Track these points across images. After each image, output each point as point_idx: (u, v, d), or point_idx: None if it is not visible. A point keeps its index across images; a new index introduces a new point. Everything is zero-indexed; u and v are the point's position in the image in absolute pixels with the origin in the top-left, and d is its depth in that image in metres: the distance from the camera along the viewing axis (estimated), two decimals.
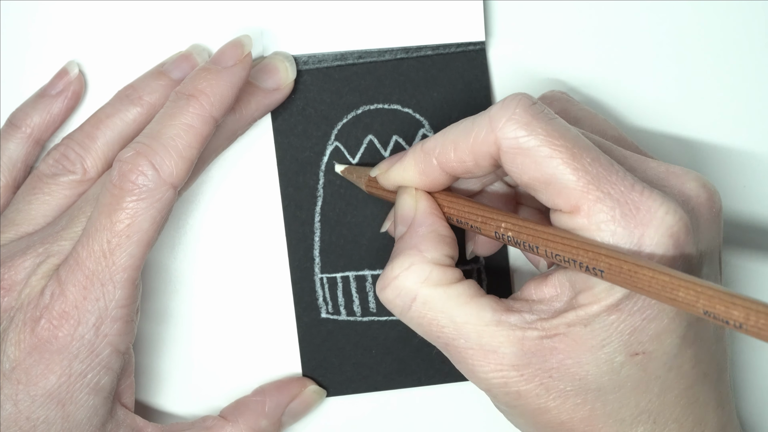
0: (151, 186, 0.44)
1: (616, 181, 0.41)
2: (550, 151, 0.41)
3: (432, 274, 0.43)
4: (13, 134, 0.50)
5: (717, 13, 0.52)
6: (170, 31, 0.51)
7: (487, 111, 0.43)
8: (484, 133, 0.42)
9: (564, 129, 0.42)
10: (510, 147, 0.42)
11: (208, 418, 0.50)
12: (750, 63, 0.53)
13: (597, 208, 0.41)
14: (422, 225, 0.45)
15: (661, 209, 0.40)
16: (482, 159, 0.43)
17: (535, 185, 0.42)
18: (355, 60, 0.51)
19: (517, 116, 0.42)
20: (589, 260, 0.40)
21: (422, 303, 0.43)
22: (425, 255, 0.44)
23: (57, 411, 0.45)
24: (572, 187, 0.41)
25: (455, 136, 0.44)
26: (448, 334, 0.43)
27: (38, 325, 0.44)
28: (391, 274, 0.44)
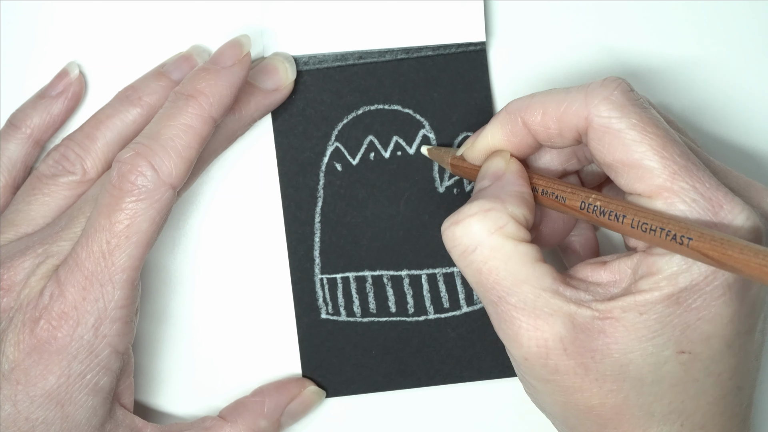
0: (151, 186, 0.44)
1: (702, 176, 0.41)
2: (641, 137, 0.41)
3: (509, 225, 0.43)
4: (13, 135, 0.50)
5: (719, 12, 0.52)
6: (170, 31, 0.51)
7: (584, 86, 0.43)
8: (577, 105, 0.42)
9: (657, 120, 0.42)
10: (601, 125, 0.42)
11: (208, 418, 0.50)
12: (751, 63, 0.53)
13: (679, 198, 0.41)
14: (510, 183, 0.44)
15: (742, 214, 0.41)
16: (567, 130, 0.43)
17: (618, 167, 0.42)
18: (355, 60, 0.51)
19: (615, 97, 0.42)
20: (679, 229, 0.39)
21: (489, 248, 0.43)
22: (507, 207, 0.43)
23: (56, 411, 0.45)
24: (657, 174, 0.41)
25: (546, 100, 0.44)
26: (505, 287, 0.42)
27: (37, 325, 0.44)
28: (468, 211, 0.43)
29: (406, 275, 0.52)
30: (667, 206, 0.41)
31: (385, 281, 0.52)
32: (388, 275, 0.52)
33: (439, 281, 0.52)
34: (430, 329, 0.52)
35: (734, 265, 0.38)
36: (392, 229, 0.52)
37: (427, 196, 0.52)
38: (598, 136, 0.42)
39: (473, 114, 0.52)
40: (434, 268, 0.52)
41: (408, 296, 0.52)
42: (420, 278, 0.52)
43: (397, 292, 0.52)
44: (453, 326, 0.52)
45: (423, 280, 0.52)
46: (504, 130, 0.45)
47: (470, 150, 0.47)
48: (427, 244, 0.52)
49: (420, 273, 0.52)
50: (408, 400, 0.53)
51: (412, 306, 0.52)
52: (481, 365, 0.52)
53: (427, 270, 0.52)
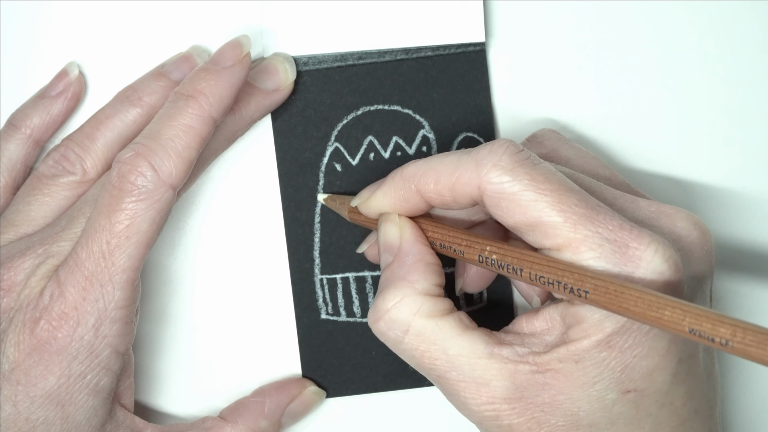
0: (150, 187, 0.44)
1: (603, 220, 0.41)
2: (535, 195, 0.42)
3: (424, 305, 0.44)
4: (13, 135, 0.50)
5: (711, 16, 0.52)
6: (170, 31, 0.51)
7: (474, 152, 0.43)
8: (468, 175, 0.43)
9: (549, 173, 0.42)
10: (494, 192, 0.42)
11: (208, 419, 0.50)
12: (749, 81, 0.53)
13: (585, 246, 0.41)
14: (409, 254, 0.45)
15: (650, 248, 0.41)
16: (462, 198, 0.44)
17: (521, 228, 0.43)
18: (355, 61, 0.51)
19: (503, 162, 0.42)
20: (575, 281, 0.40)
21: (415, 335, 0.44)
22: (415, 286, 0.44)
23: (56, 412, 0.45)
24: (559, 228, 0.41)
25: (439, 169, 0.44)
26: (441, 366, 0.43)
27: (37, 326, 0.44)
28: (383, 306, 0.44)
29: None
30: (576, 256, 0.41)
31: None
32: None
33: None
34: None
35: (633, 318, 0.39)
36: None
37: None
38: (494, 203, 0.43)
39: (473, 114, 0.52)
40: None
41: None
42: None
43: None
44: None
45: None
46: (397, 194, 0.45)
47: (364, 205, 0.47)
48: None
49: None
50: (408, 400, 0.53)
51: None
52: None
53: None
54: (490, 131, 0.52)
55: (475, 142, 0.52)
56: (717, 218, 0.53)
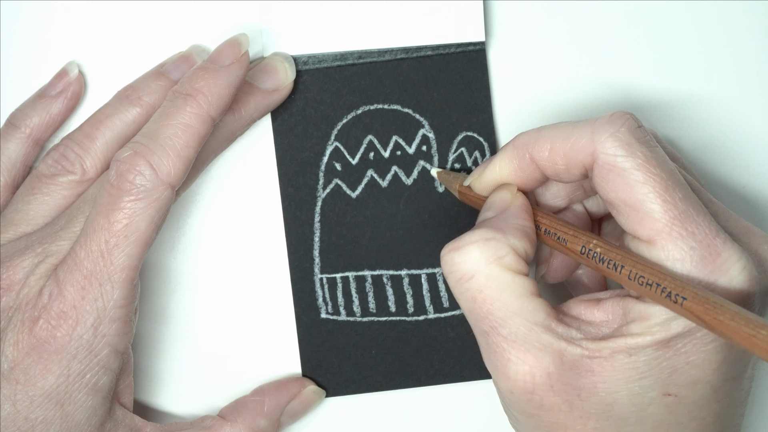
0: (149, 186, 0.44)
1: (701, 222, 0.41)
2: (645, 177, 0.41)
3: (508, 256, 0.43)
4: (13, 134, 0.50)
5: (712, 15, 0.52)
6: (170, 31, 0.51)
7: (591, 121, 0.43)
8: (584, 141, 0.42)
9: (663, 160, 0.42)
10: (606, 162, 0.42)
11: (207, 417, 0.50)
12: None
13: (677, 245, 0.41)
14: (514, 216, 0.44)
15: (739, 263, 0.41)
16: (574, 166, 0.43)
17: (620, 206, 0.42)
18: (355, 60, 0.51)
19: (621, 134, 0.42)
20: (675, 287, 0.40)
21: (486, 277, 0.42)
22: (508, 238, 0.43)
23: (55, 411, 0.45)
24: (657, 218, 0.41)
25: (553, 135, 0.43)
26: (497, 317, 0.42)
27: (36, 325, 0.44)
28: (469, 238, 0.43)
29: (406, 275, 0.52)
30: (665, 252, 0.41)
31: (384, 281, 0.52)
32: (388, 275, 0.52)
33: (439, 281, 0.52)
34: (430, 329, 0.52)
35: (724, 331, 0.38)
36: (392, 228, 0.52)
37: (427, 195, 0.52)
38: (602, 174, 0.42)
39: (472, 114, 0.52)
40: (434, 267, 0.52)
41: (408, 296, 0.52)
42: (420, 278, 0.52)
43: (397, 291, 0.52)
44: (453, 326, 0.52)
45: (423, 279, 0.52)
46: (512, 164, 0.45)
47: (477, 181, 0.47)
48: (426, 244, 0.52)
49: (420, 272, 0.52)
50: (408, 400, 0.53)
51: (411, 305, 0.52)
52: (481, 365, 0.52)
53: (426, 269, 0.52)
54: (490, 130, 0.52)
55: (475, 142, 0.52)
56: None
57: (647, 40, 0.52)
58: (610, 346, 0.41)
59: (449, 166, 0.52)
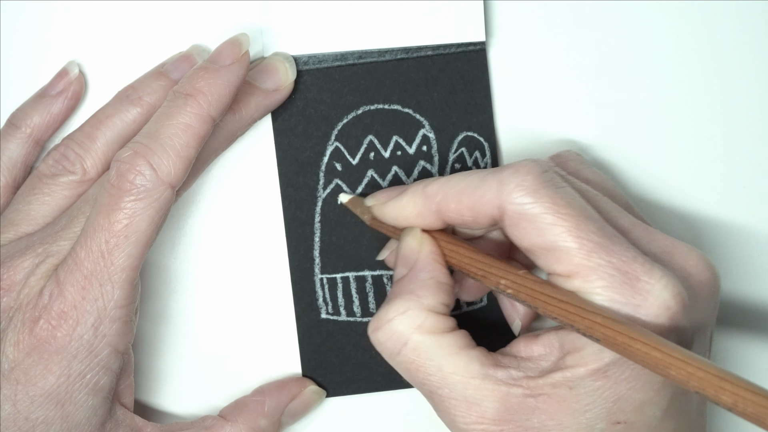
0: (149, 186, 0.44)
1: (618, 251, 0.41)
2: (554, 219, 0.42)
3: (426, 321, 0.44)
4: (13, 134, 0.50)
5: (712, 14, 0.52)
6: (170, 31, 0.51)
7: (498, 172, 0.43)
8: (490, 194, 0.43)
9: (571, 198, 0.42)
10: (515, 212, 0.42)
11: (208, 417, 0.50)
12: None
13: (596, 275, 0.41)
14: (423, 270, 0.45)
15: (660, 282, 0.41)
16: (482, 218, 0.44)
17: (535, 251, 0.43)
18: (355, 60, 0.51)
19: (527, 183, 0.42)
20: (586, 327, 0.40)
21: (413, 349, 0.44)
22: (422, 301, 0.44)
23: (56, 411, 0.45)
24: (573, 254, 0.41)
25: (460, 188, 0.44)
26: (434, 382, 0.44)
27: (37, 325, 0.44)
28: (385, 316, 0.44)
29: None
30: (586, 284, 0.41)
31: (385, 281, 0.52)
32: (388, 275, 0.52)
33: None
34: None
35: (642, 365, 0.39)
36: None
37: None
38: (513, 223, 0.43)
39: (473, 114, 0.52)
40: None
41: None
42: None
43: None
44: None
45: None
46: (416, 209, 0.46)
47: (379, 209, 0.47)
48: None
49: None
50: (408, 400, 0.53)
51: None
52: None
53: None
54: (490, 131, 0.52)
55: (475, 141, 0.52)
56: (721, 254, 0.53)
57: (647, 41, 0.52)
58: (549, 381, 0.42)
59: (449, 166, 0.52)
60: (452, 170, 0.52)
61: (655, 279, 0.41)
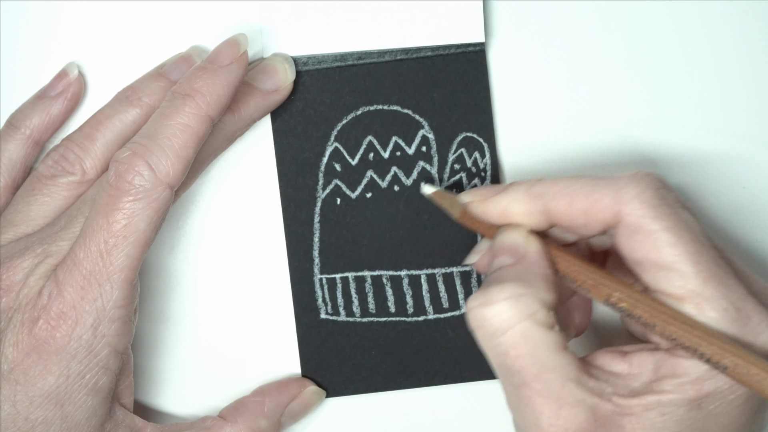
0: (148, 186, 0.44)
1: (732, 285, 0.41)
2: (674, 239, 0.41)
3: (539, 312, 0.42)
4: (13, 135, 0.50)
5: (712, 14, 0.52)
6: (170, 31, 0.51)
7: (613, 179, 0.42)
8: (607, 201, 0.42)
9: (691, 221, 0.42)
10: (632, 224, 0.42)
11: (208, 418, 0.50)
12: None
13: (709, 305, 0.41)
14: (536, 266, 0.44)
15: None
16: (594, 223, 0.43)
17: (647, 266, 0.42)
18: (354, 61, 0.51)
19: (647, 196, 0.42)
20: (714, 353, 0.40)
21: (520, 334, 0.42)
22: (539, 293, 0.43)
23: (55, 411, 0.45)
24: (689, 279, 0.41)
25: (573, 191, 0.43)
26: (530, 373, 0.42)
27: (36, 325, 0.44)
28: (500, 293, 0.42)
29: (406, 275, 0.52)
30: (698, 311, 0.41)
31: (384, 281, 0.52)
32: (388, 275, 0.52)
33: (439, 281, 0.52)
34: (430, 329, 0.52)
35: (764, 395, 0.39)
36: (392, 229, 0.52)
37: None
38: (628, 234, 0.42)
39: (472, 114, 0.52)
40: (433, 268, 0.52)
41: (407, 296, 0.52)
42: (419, 278, 0.52)
43: (397, 292, 0.52)
44: (452, 326, 0.52)
45: (422, 280, 0.52)
46: (522, 208, 0.44)
47: (477, 205, 0.46)
48: (426, 245, 0.52)
49: (419, 273, 0.52)
50: (408, 400, 0.53)
51: (411, 306, 0.52)
52: (481, 365, 0.52)
53: (426, 270, 0.52)
54: (490, 131, 0.52)
55: (474, 142, 0.52)
56: None
57: (647, 40, 0.52)
58: (642, 403, 0.41)
59: (449, 166, 0.52)
60: (452, 171, 0.52)
61: (765, 324, 0.41)
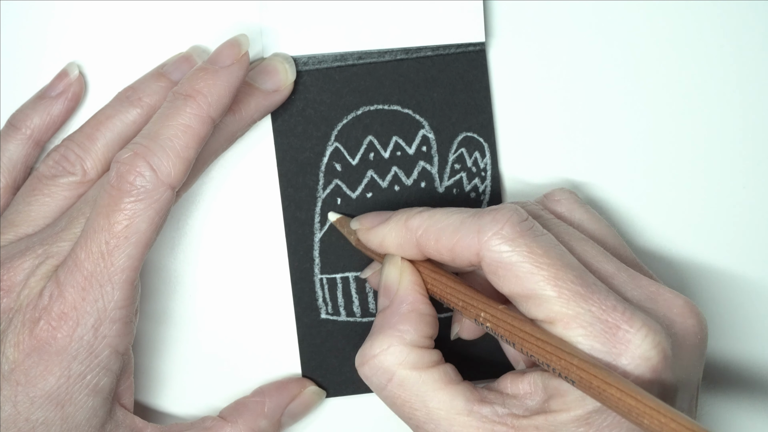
0: (149, 187, 0.44)
1: (597, 299, 0.42)
2: (532, 268, 0.42)
3: (409, 356, 0.44)
4: (13, 135, 0.50)
5: (712, 13, 0.52)
6: (170, 31, 0.51)
7: (478, 217, 0.44)
8: (469, 240, 0.43)
9: (549, 246, 0.43)
10: (493, 260, 0.43)
11: (208, 418, 0.50)
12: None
13: (576, 323, 0.41)
14: (404, 302, 0.46)
15: (640, 332, 0.41)
16: (460, 260, 0.44)
17: (515, 297, 0.43)
18: (354, 61, 0.51)
19: (505, 231, 0.43)
20: (562, 368, 0.41)
21: (398, 384, 0.44)
22: (405, 336, 0.45)
23: (56, 412, 0.45)
24: (553, 302, 0.42)
25: (441, 227, 0.45)
26: (420, 417, 0.44)
27: (37, 326, 0.44)
28: (370, 352, 0.45)
29: None
30: (566, 331, 0.42)
31: None
32: None
33: None
34: None
35: (615, 411, 0.39)
36: None
37: (427, 195, 0.52)
38: (492, 270, 0.43)
39: (473, 114, 0.52)
40: None
41: None
42: None
43: None
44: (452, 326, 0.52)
45: None
46: (397, 240, 0.46)
47: (363, 233, 0.48)
48: None
49: None
50: None
51: None
52: (481, 365, 0.52)
53: None
54: (490, 131, 0.52)
55: (474, 142, 0.52)
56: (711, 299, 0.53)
57: (647, 40, 0.52)
58: (534, 423, 0.42)
59: (449, 166, 0.52)
60: (452, 171, 0.52)
61: (635, 328, 0.41)
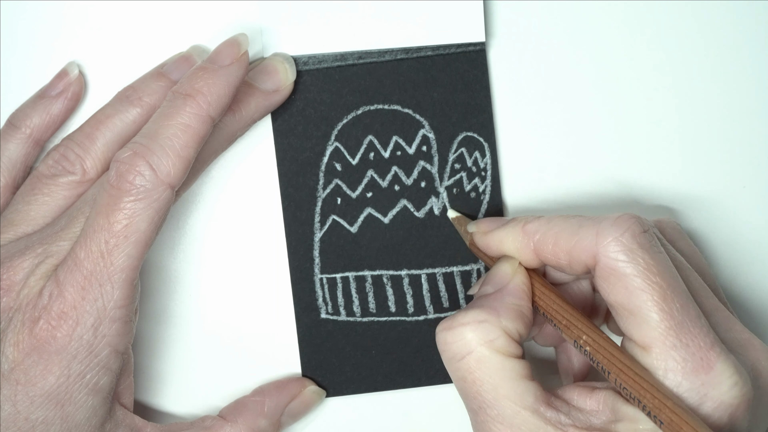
0: (149, 186, 0.44)
1: (697, 334, 0.41)
2: (644, 285, 0.42)
3: (499, 339, 0.44)
4: (13, 135, 0.50)
5: (713, 13, 0.52)
6: (170, 31, 0.51)
7: (597, 221, 0.43)
8: (587, 242, 0.43)
9: (665, 267, 0.42)
10: (607, 266, 0.42)
11: (208, 418, 0.50)
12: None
13: (670, 355, 0.41)
14: (511, 296, 0.45)
15: (731, 379, 0.41)
16: (577, 264, 0.44)
17: (619, 309, 0.43)
18: (355, 60, 0.51)
19: (625, 239, 0.42)
20: (653, 407, 0.40)
21: (476, 360, 0.44)
22: (501, 320, 0.44)
23: (56, 411, 0.45)
24: (653, 326, 0.41)
25: (558, 230, 0.44)
26: (486, 400, 0.44)
27: (37, 325, 0.44)
28: (462, 319, 0.44)
29: (406, 275, 0.52)
30: (658, 361, 0.41)
31: (384, 281, 0.52)
32: (388, 275, 0.52)
33: (439, 281, 0.52)
34: (430, 329, 0.52)
35: None
36: (392, 229, 0.52)
37: (427, 195, 0.52)
38: (604, 276, 0.43)
39: (473, 114, 0.52)
40: (434, 267, 0.52)
41: (408, 296, 0.52)
42: (420, 278, 0.52)
43: (397, 291, 0.52)
44: None
45: (423, 279, 0.52)
46: (515, 244, 0.46)
47: (480, 236, 0.48)
48: (426, 244, 0.52)
49: (419, 273, 0.52)
50: (408, 399, 0.53)
51: (411, 306, 0.52)
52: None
53: (426, 270, 0.52)
54: (490, 131, 0.52)
55: (474, 142, 0.52)
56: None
57: (647, 40, 0.52)
58: None
59: (449, 166, 0.52)
60: (452, 170, 0.52)
61: (728, 374, 0.41)
